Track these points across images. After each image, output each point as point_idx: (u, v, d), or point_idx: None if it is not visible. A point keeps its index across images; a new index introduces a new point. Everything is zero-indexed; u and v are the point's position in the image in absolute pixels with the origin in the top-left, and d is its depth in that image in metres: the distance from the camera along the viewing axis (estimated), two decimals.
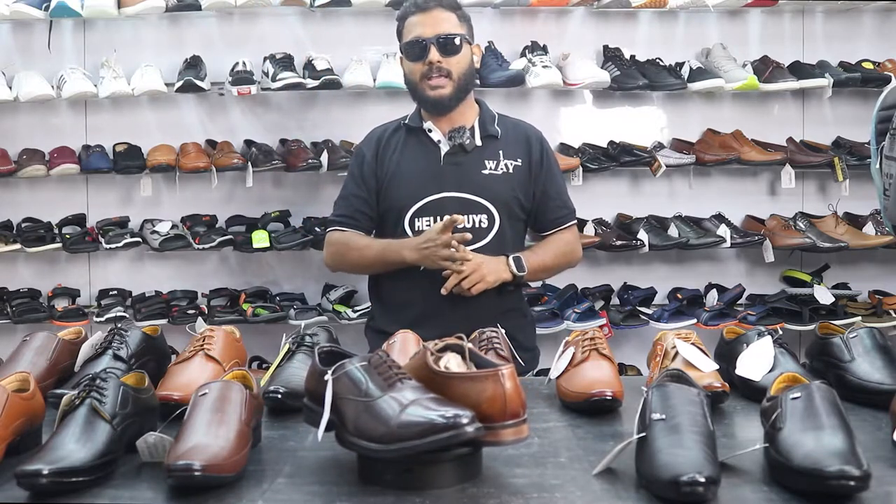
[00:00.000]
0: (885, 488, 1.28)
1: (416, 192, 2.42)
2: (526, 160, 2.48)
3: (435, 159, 2.44)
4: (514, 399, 1.27)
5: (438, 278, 2.35)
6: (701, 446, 1.28)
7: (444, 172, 2.43)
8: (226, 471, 1.29)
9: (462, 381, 1.30)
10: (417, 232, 2.41)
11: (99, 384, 1.43)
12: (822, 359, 1.83)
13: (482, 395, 1.27)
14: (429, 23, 2.38)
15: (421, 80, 2.39)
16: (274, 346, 1.98)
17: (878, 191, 2.03)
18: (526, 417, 1.30)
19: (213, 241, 3.46)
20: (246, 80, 3.40)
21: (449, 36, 2.38)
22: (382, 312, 2.53)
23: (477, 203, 2.42)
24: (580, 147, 3.68)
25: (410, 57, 2.41)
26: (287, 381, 1.70)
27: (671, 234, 3.62)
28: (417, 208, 2.42)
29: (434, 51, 2.36)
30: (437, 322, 2.24)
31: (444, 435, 1.21)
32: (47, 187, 3.59)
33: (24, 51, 3.58)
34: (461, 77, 2.40)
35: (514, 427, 1.28)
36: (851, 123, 3.77)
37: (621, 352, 3.49)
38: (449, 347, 1.40)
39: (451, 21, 2.41)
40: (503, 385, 1.27)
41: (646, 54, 3.68)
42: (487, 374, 1.29)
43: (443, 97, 2.39)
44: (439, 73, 2.37)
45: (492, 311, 2.36)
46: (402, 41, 2.46)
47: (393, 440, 1.24)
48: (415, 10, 2.42)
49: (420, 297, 2.40)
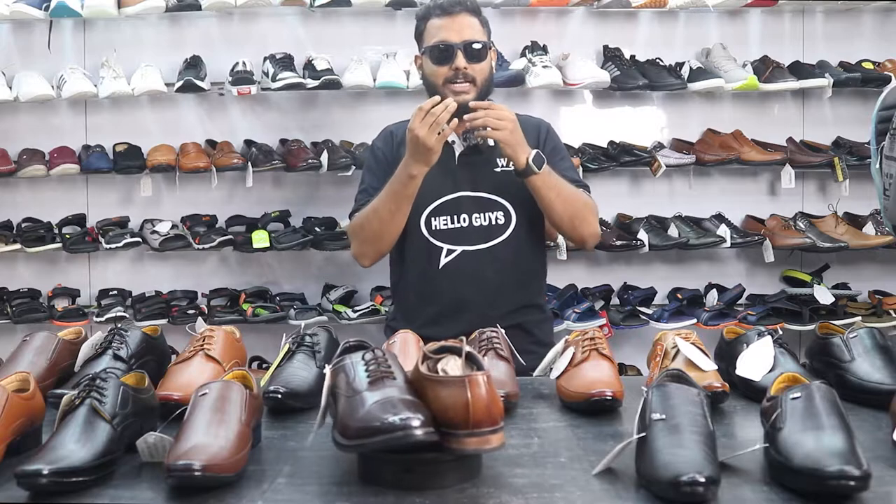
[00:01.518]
0: (885, 488, 1.28)
1: (432, 192, 2.42)
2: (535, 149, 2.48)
3: (449, 159, 2.44)
4: (479, 409, 1.23)
5: (458, 275, 2.39)
6: (701, 446, 1.28)
7: (459, 172, 2.44)
8: (226, 471, 1.29)
9: (434, 385, 1.28)
10: (434, 232, 2.42)
11: (99, 384, 1.43)
12: (822, 359, 1.83)
13: (448, 400, 1.25)
14: (455, 27, 2.38)
15: (444, 83, 2.38)
16: (274, 346, 1.98)
17: (878, 191, 2.03)
18: (497, 427, 1.26)
19: (213, 241, 3.46)
20: (246, 80, 3.40)
21: (475, 42, 2.38)
22: (403, 311, 2.53)
23: (493, 201, 2.43)
24: (580, 147, 3.68)
25: (435, 60, 2.40)
26: (287, 381, 1.70)
27: (671, 234, 3.62)
28: (433, 208, 2.43)
29: (461, 57, 2.36)
30: (455, 321, 2.29)
31: (391, 435, 1.22)
32: (47, 187, 3.59)
33: (24, 51, 3.58)
34: (483, 83, 2.41)
35: (479, 437, 1.24)
36: (851, 123, 3.77)
37: (621, 352, 3.49)
38: (448, 349, 1.39)
39: (475, 27, 2.42)
40: (467, 393, 1.23)
41: (646, 54, 3.68)
42: (454, 380, 1.26)
43: (466, 102, 2.38)
44: (465, 79, 2.37)
45: (512, 306, 2.40)
46: (423, 42, 2.45)
47: (353, 436, 1.27)
48: (439, 12, 2.41)
49: (440, 295, 2.42)
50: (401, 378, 1.35)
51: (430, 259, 2.43)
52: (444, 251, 2.42)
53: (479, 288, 2.40)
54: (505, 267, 2.43)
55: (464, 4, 2.41)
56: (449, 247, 2.42)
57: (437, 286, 2.42)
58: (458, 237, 2.42)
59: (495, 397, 1.26)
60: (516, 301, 2.44)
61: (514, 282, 2.45)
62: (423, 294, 2.46)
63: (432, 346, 1.37)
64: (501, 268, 2.43)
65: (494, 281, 2.42)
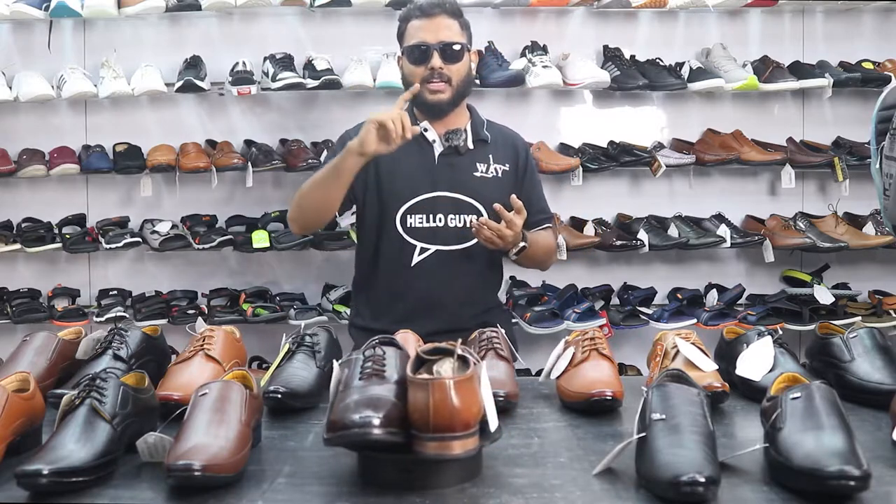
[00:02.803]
0: (885, 488, 1.28)
1: (410, 190, 2.46)
2: (513, 166, 2.55)
3: (429, 158, 2.49)
4: (441, 413, 1.22)
5: (430, 274, 2.43)
6: (701, 446, 1.28)
7: (438, 172, 2.48)
8: (226, 471, 1.29)
9: (409, 385, 1.28)
10: (409, 229, 2.45)
11: (99, 384, 1.43)
12: (822, 359, 1.83)
13: (415, 403, 1.25)
14: (432, 28, 2.42)
15: (421, 83, 2.42)
16: (274, 346, 1.98)
17: (878, 191, 2.03)
18: (463, 434, 1.23)
19: (213, 241, 3.46)
20: (246, 80, 3.40)
21: (451, 43, 2.42)
22: (367, 310, 2.56)
23: (468, 204, 2.47)
24: (580, 147, 3.68)
25: (412, 60, 2.44)
26: (287, 381, 1.70)
27: (671, 234, 3.62)
28: (410, 206, 2.46)
29: (437, 57, 2.40)
30: (425, 319, 2.31)
31: (349, 432, 1.24)
32: (47, 187, 3.59)
33: (24, 51, 3.58)
34: (460, 83, 2.45)
35: (439, 441, 1.23)
36: (851, 123, 3.76)
37: (621, 352, 3.49)
38: (443, 351, 1.38)
39: (453, 28, 2.45)
40: (429, 397, 1.22)
41: (646, 54, 3.67)
42: (420, 382, 1.25)
43: (441, 101, 2.44)
44: (440, 79, 2.41)
45: (481, 307, 2.49)
46: (403, 43, 2.49)
47: (328, 430, 1.29)
48: (419, 14, 2.45)
49: (410, 293, 2.45)
50: (394, 378, 1.35)
51: (402, 256, 2.46)
52: (417, 249, 2.45)
53: (450, 288, 2.45)
54: (476, 269, 2.49)
55: (443, 6, 2.45)
56: (423, 245, 2.45)
57: (408, 284, 2.45)
58: (432, 236, 2.46)
59: (468, 403, 1.23)
60: (485, 301, 2.53)
61: (483, 283, 2.54)
62: (393, 291, 2.48)
63: (427, 347, 1.37)
64: (473, 269, 2.48)
65: (465, 282, 2.47)
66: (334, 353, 1.93)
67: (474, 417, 1.26)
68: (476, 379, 1.28)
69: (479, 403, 1.28)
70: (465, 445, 1.24)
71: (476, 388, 1.27)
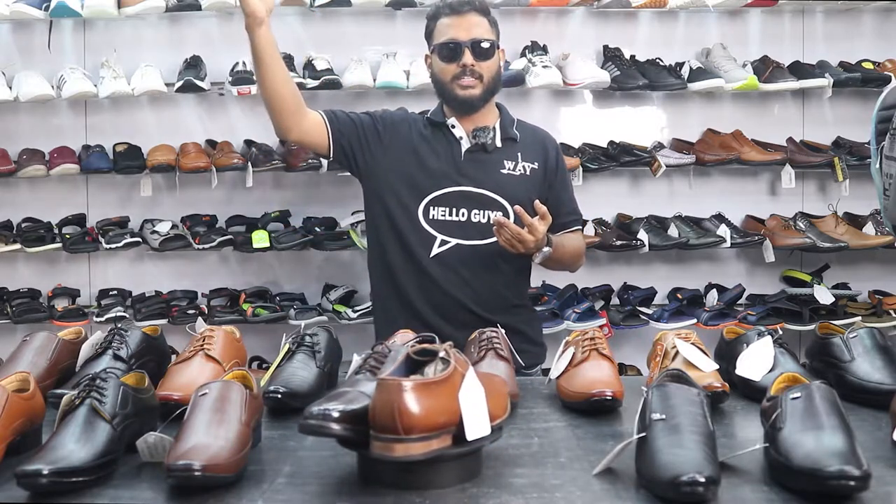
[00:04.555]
0: (885, 488, 1.28)
1: (434, 182, 2.46)
2: (542, 165, 2.54)
3: (456, 153, 2.49)
4: (383, 414, 1.21)
5: (448, 267, 2.42)
6: (701, 446, 1.28)
7: (464, 167, 2.48)
8: (226, 471, 1.29)
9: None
10: (432, 221, 2.45)
11: (99, 384, 1.43)
12: (822, 359, 1.83)
13: (374, 401, 1.25)
14: (463, 26, 2.43)
15: (452, 80, 2.43)
16: (274, 346, 1.98)
17: (878, 191, 2.03)
18: (408, 438, 1.20)
19: (213, 241, 3.46)
20: (246, 80, 3.40)
21: (482, 40, 2.43)
22: (387, 317, 2.51)
23: (493, 200, 2.46)
24: (580, 147, 3.68)
25: (443, 57, 2.45)
26: (287, 381, 1.70)
27: (671, 234, 3.62)
28: (433, 198, 2.46)
29: (468, 54, 2.41)
30: (445, 314, 2.35)
31: (309, 422, 1.28)
32: (47, 187, 3.59)
33: (24, 51, 3.58)
34: (490, 80, 2.46)
35: (383, 442, 1.22)
36: (851, 123, 3.76)
37: (621, 352, 3.49)
38: (430, 353, 1.36)
39: (483, 26, 2.46)
40: (379, 397, 1.22)
41: (646, 54, 3.67)
42: (380, 382, 1.24)
43: (472, 97, 2.44)
44: (472, 75, 2.42)
45: (500, 305, 2.46)
46: (433, 41, 2.49)
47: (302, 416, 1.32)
48: (448, 11, 2.46)
49: (426, 287, 2.44)
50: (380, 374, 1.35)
51: (422, 247, 2.45)
52: (437, 241, 2.44)
53: (467, 283, 2.44)
54: (496, 265, 2.46)
55: (472, 4, 2.46)
56: (443, 237, 2.45)
57: (427, 275, 2.43)
58: (453, 230, 2.45)
59: (421, 407, 1.20)
60: (504, 299, 2.49)
61: (503, 281, 2.49)
62: (412, 284, 2.46)
63: (417, 348, 1.36)
64: (492, 266, 2.46)
65: (486, 278, 2.46)
66: (334, 353, 1.93)
67: (422, 422, 1.21)
68: (447, 384, 1.25)
69: (444, 409, 1.24)
70: (407, 449, 1.21)
71: (441, 393, 1.24)
